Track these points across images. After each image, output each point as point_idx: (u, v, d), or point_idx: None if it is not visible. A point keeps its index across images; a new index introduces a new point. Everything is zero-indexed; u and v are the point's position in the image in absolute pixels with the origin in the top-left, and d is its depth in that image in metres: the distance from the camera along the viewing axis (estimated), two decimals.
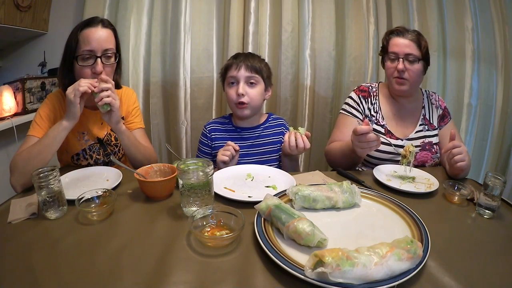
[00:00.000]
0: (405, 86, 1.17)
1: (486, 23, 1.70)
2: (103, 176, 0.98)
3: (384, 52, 1.23)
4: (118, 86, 1.16)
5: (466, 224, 0.78)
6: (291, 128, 1.07)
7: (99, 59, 1.00)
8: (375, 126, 1.22)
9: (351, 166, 1.15)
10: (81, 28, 1.01)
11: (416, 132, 1.22)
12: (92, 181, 0.95)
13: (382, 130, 1.22)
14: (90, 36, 0.99)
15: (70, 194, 0.80)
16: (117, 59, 1.08)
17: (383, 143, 1.13)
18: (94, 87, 0.97)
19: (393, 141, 1.16)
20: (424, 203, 0.86)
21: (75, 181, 0.94)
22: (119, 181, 0.91)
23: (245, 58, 1.16)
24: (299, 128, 1.06)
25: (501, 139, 1.80)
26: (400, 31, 1.18)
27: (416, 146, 1.18)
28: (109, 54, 1.03)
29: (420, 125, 1.23)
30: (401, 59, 1.14)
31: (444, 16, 1.71)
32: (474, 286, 0.55)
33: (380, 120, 1.23)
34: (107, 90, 0.97)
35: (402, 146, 1.14)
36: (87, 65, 1.00)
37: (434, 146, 1.22)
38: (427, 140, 1.21)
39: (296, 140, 1.03)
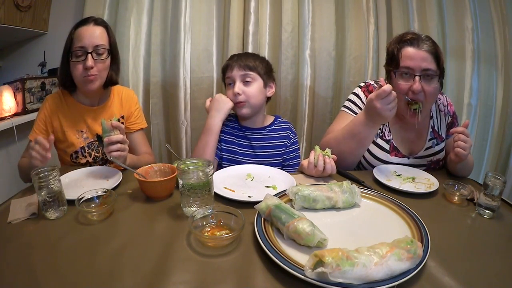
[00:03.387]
0: (420, 116, 1.00)
1: (486, 23, 1.70)
2: (103, 176, 0.98)
3: (393, 65, 1.02)
4: (114, 82, 1.17)
5: (466, 224, 0.78)
6: (317, 148, 0.98)
7: (89, 55, 1.03)
8: (380, 141, 1.11)
9: (355, 150, 1.07)
10: (75, 27, 1.05)
11: (426, 149, 1.11)
12: (92, 181, 0.95)
13: (387, 147, 1.11)
14: (82, 33, 1.03)
15: (70, 194, 0.80)
16: (109, 56, 1.09)
17: (385, 161, 1.10)
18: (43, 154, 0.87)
19: (398, 159, 1.10)
20: (424, 203, 0.85)
21: (75, 181, 0.94)
22: (119, 181, 0.91)
23: (239, 58, 1.16)
24: (327, 150, 0.98)
25: (501, 139, 1.80)
26: (414, 39, 0.98)
27: (420, 166, 1.10)
28: (100, 51, 1.06)
29: (430, 140, 1.11)
30: (417, 77, 0.96)
31: (444, 16, 1.71)
32: (474, 286, 0.55)
33: (387, 134, 1.11)
34: (115, 144, 0.94)
35: (407, 164, 1.08)
36: (79, 61, 1.04)
37: (439, 162, 1.13)
38: (435, 158, 1.12)
39: (325, 164, 0.95)
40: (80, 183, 0.93)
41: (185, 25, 1.72)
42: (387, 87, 0.88)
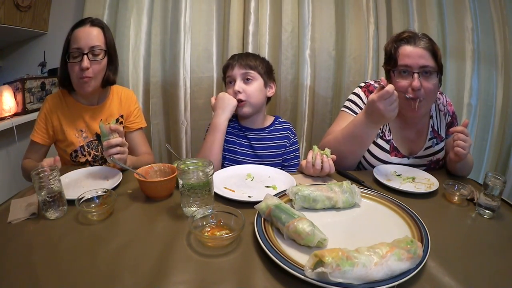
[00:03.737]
0: (420, 111, 1.01)
1: (486, 23, 1.70)
2: (103, 176, 0.98)
3: (391, 64, 1.03)
4: (111, 82, 1.17)
5: (466, 224, 0.78)
6: (315, 148, 0.98)
7: (85, 56, 1.04)
8: (380, 141, 1.11)
9: (357, 150, 1.08)
10: (73, 29, 1.07)
11: (425, 149, 1.11)
12: (92, 181, 0.95)
13: (387, 147, 1.11)
14: (78, 35, 1.05)
15: (70, 194, 0.80)
16: (105, 56, 1.10)
17: (385, 162, 1.10)
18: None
19: (398, 160, 1.10)
20: (424, 203, 0.85)
21: (75, 181, 0.94)
22: (119, 181, 0.91)
23: (240, 57, 1.16)
24: (326, 149, 0.97)
25: (501, 139, 1.80)
26: (410, 37, 0.98)
27: (420, 166, 1.11)
28: (96, 52, 1.07)
29: (430, 139, 1.11)
30: (416, 74, 0.96)
31: (444, 16, 1.71)
32: (474, 286, 0.55)
33: (387, 134, 1.11)
34: (115, 147, 0.93)
35: (407, 164, 1.08)
36: (75, 62, 1.05)
37: (440, 162, 1.13)
38: (434, 158, 1.12)
39: (323, 163, 0.94)
40: (80, 183, 0.93)
41: (185, 25, 1.72)
42: (389, 87, 0.88)
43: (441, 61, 0.99)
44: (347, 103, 1.17)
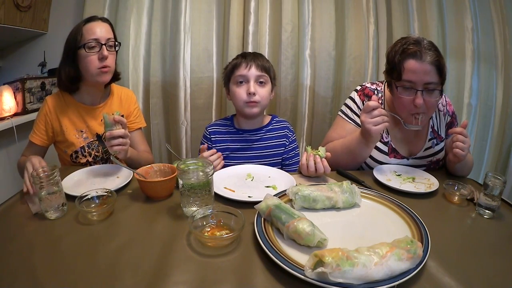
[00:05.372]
0: (422, 123, 1.00)
1: (486, 23, 1.70)
2: (114, 174, 0.98)
3: (394, 75, 0.99)
4: (117, 76, 1.20)
5: (466, 224, 0.78)
6: (309, 149, 0.98)
7: (104, 46, 1.06)
8: (378, 144, 1.10)
9: (351, 163, 1.09)
10: (84, 23, 1.08)
11: (425, 150, 1.10)
12: (100, 179, 0.95)
13: (386, 149, 1.10)
14: (94, 28, 1.07)
15: (81, 190, 0.80)
16: (118, 48, 1.13)
17: (383, 162, 1.10)
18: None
19: (397, 161, 1.10)
20: (424, 203, 0.85)
21: (80, 181, 0.94)
22: (129, 179, 0.92)
23: (254, 57, 1.14)
24: (319, 148, 0.97)
25: (501, 139, 1.80)
26: (419, 51, 0.92)
27: (420, 166, 1.10)
28: (111, 43, 1.09)
29: (430, 140, 1.11)
30: (419, 92, 0.94)
31: (444, 16, 1.71)
32: (474, 286, 0.55)
33: (384, 136, 1.10)
34: (117, 138, 0.94)
35: (406, 165, 1.08)
36: (93, 52, 1.06)
37: (440, 162, 1.13)
38: (434, 158, 1.11)
39: (316, 164, 0.95)
40: (86, 182, 0.94)
41: (185, 25, 1.72)
42: (371, 102, 0.92)
43: (445, 74, 0.96)
44: (343, 108, 1.19)
